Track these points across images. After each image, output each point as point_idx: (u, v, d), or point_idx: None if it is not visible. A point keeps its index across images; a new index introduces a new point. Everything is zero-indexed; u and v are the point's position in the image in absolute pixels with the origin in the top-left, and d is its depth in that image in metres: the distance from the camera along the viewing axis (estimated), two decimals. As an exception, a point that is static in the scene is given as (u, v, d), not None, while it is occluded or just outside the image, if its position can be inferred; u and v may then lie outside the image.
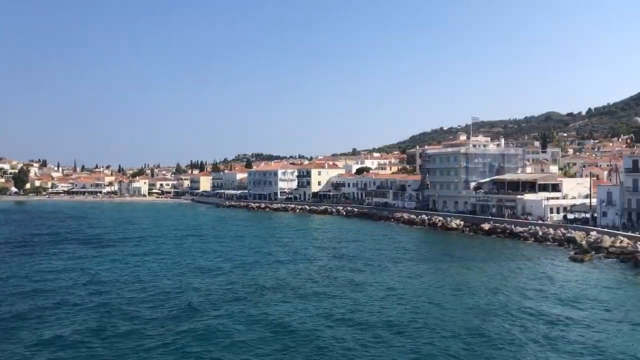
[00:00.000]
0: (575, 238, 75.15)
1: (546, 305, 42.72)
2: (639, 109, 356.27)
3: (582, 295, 46.08)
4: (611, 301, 44.15)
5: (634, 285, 50.74)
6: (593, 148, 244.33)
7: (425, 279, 54.08)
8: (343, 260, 66.55)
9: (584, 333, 35.30)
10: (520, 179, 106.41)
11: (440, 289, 49.58)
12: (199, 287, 49.85)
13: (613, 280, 52.83)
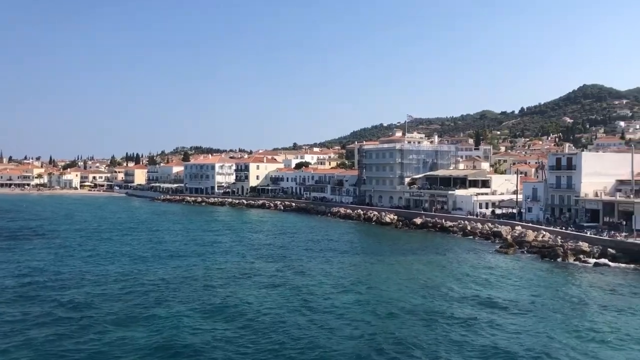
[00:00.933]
0: (501, 232, 77.83)
1: (469, 296, 43.81)
2: (568, 109, 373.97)
3: (503, 286, 47.69)
4: (530, 292, 45.88)
5: (552, 277, 52.94)
6: (524, 146, 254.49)
7: (354, 273, 54.52)
8: (275, 255, 66.15)
9: (502, 322, 36.35)
10: (451, 175, 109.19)
11: (368, 283, 50.05)
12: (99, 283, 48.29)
13: (533, 273, 54.98)
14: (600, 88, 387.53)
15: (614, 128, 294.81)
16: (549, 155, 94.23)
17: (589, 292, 46.24)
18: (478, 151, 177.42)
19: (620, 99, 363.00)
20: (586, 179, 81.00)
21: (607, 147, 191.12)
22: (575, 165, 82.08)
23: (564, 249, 62.44)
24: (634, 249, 58.91)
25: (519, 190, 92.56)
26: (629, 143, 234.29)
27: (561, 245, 64.07)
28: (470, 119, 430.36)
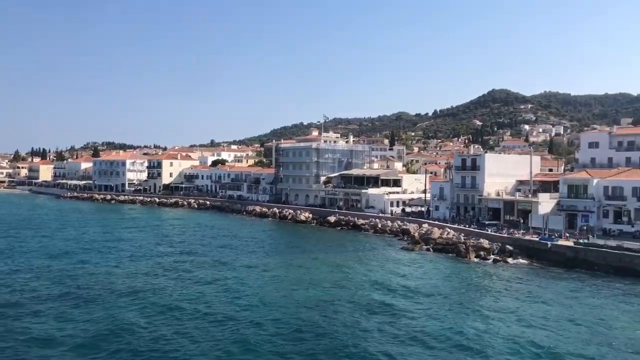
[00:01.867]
0: (410, 230, 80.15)
1: (375, 291, 44.65)
2: (478, 112, 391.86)
3: (408, 281, 48.99)
4: (431, 285, 47.48)
5: (453, 272, 55.09)
6: (436, 147, 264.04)
7: (267, 271, 54.03)
8: (183, 254, 64.55)
9: (407, 312, 37.32)
10: (365, 174, 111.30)
11: (279, 279, 49.93)
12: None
13: (435, 268, 57.01)
14: (508, 93, 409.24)
15: (520, 131, 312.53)
16: (455, 156, 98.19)
17: (486, 285, 48.77)
18: (392, 151, 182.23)
19: (525, 103, 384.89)
20: (489, 179, 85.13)
21: (512, 148, 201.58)
22: (479, 166, 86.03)
23: (466, 246, 65.21)
24: (529, 246, 62.47)
25: (427, 190, 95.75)
26: (532, 145, 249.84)
27: (464, 242, 66.90)
28: (387, 120, 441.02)
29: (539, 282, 50.19)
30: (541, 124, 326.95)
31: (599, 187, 72.09)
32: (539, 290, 46.82)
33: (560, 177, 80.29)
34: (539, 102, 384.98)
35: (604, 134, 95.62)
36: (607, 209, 71.39)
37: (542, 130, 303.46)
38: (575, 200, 73.70)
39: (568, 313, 39.03)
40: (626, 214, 69.38)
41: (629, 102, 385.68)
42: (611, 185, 71.17)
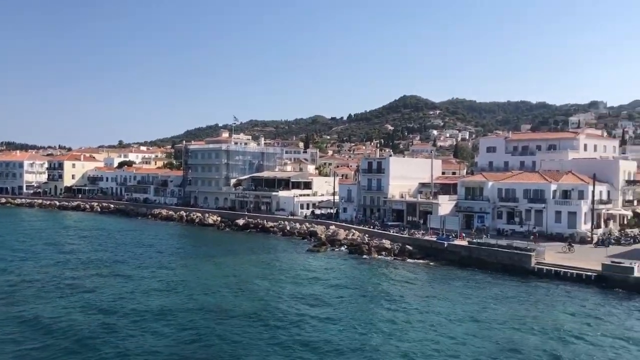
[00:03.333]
0: (317, 232, 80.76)
1: (278, 293, 44.37)
2: (390, 117, 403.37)
3: (310, 282, 49.25)
4: (334, 284, 47.98)
5: (355, 271, 55.96)
6: (349, 150, 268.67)
7: (160, 277, 52.28)
8: (80, 261, 61.18)
9: (312, 313, 37.31)
10: (276, 177, 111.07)
11: (177, 285, 48.44)
12: None
13: (339, 268, 57.67)
14: (418, 99, 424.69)
15: (428, 136, 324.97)
16: (362, 160, 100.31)
17: (386, 283, 49.96)
18: (306, 154, 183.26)
19: (434, 109, 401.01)
20: (393, 182, 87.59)
21: (420, 152, 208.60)
22: (384, 169, 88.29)
23: (369, 246, 66.70)
24: (427, 246, 64.76)
25: (336, 192, 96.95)
26: (439, 150, 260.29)
27: (367, 243, 68.36)
28: (304, 123, 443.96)
29: (433, 280, 52.14)
30: (448, 129, 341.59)
31: (493, 189, 76.07)
32: (431, 287, 48.62)
33: (459, 180, 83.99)
34: (447, 109, 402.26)
35: (500, 139, 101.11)
36: (501, 210, 75.46)
37: (449, 135, 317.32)
38: (472, 202, 77.35)
39: (455, 309, 40.63)
40: (518, 215, 73.66)
41: (528, 109, 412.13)
42: (504, 188, 75.31)
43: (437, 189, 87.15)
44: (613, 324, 36.99)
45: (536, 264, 53.48)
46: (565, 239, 65.14)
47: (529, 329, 35.78)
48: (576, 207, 68.43)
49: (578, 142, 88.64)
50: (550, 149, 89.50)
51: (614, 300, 43.53)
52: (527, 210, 72.53)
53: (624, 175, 76.08)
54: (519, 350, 31.62)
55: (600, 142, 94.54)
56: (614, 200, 73.44)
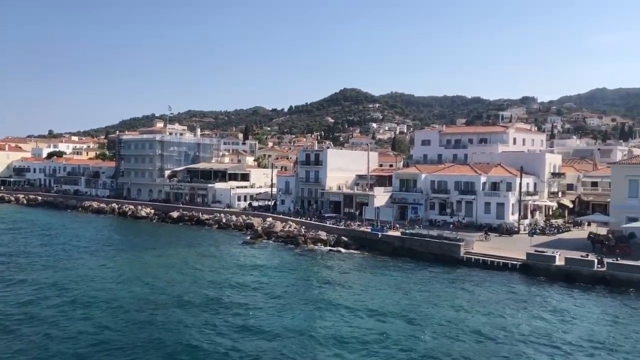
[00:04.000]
0: (254, 224, 80.00)
1: (209, 285, 43.52)
2: (330, 110, 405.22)
3: (243, 274, 48.64)
4: (268, 277, 47.69)
5: (291, 263, 55.72)
6: (290, 142, 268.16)
7: (88, 271, 50.30)
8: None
9: (241, 305, 36.74)
10: (212, 168, 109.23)
11: (105, 279, 46.71)
12: None
13: (274, 259, 57.37)
14: (358, 92, 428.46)
15: (368, 129, 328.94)
16: (299, 152, 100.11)
17: (319, 273, 50.06)
18: (245, 145, 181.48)
19: (374, 103, 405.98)
20: (331, 174, 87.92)
21: (360, 145, 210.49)
22: (322, 161, 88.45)
23: (305, 238, 66.71)
24: (362, 237, 65.39)
25: (274, 184, 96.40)
26: (378, 142, 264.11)
27: (303, 235, 68.32)
28: (244, 114, 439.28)
29: (365, 270, 52.71)
30: (387, 122, 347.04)
31: (426, 181, 77.69)
32: (364, 277, 49.17)
33: (394, 172, 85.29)
34: (386, 102, 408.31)
35: (434, 132, 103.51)
36: (433, 201, 77.21)
37: (387, 129, 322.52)
38: (405, 194, 78.74)
39: (385, 298, 41.12)
40: (449, 206, 75.58)
41: (464, 104, 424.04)
42: (437, 180, 77.08)
43: (374, 181, 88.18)
44: (533, 306, 38.42)
45: (465, 253, 54.95)
46: (495, 229, 67.55)
47: (455, 313, 36.66)
48: (504, 198, 70.89)
49: (508, 136, 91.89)
50: (481, 143, 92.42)
51: (536, 286, 45.31)
52: (458, 201, 74.54)
53: (549, 168, 79.33)
54: (443, 332, 32.32)
55: (529, 136, 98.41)
56: (540, 192, 76.51)
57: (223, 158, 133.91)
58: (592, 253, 51.01)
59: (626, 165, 63.33)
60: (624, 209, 58.96)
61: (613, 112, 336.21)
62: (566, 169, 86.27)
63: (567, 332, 33.28)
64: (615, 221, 59.11)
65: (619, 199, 60.33)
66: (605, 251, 52.31)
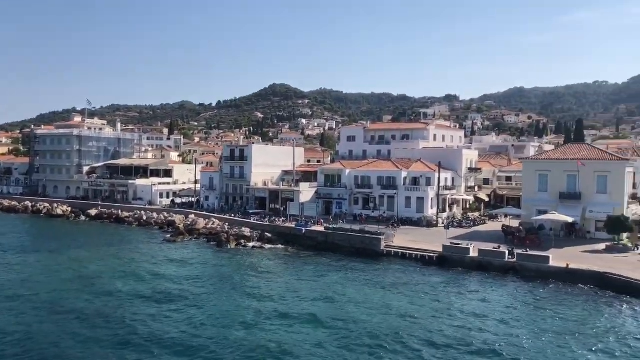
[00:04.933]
0: (175, 221, 78.11)
1: (125, 285, 42.00)
2: (260, 105, 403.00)
3: (162, 273, 47.45)
4: (187, 275, 46.65)
5: (212, 260, 54.87)
6: (217, 137, 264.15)
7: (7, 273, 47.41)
8: None
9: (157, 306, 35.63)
10: (133, 164, 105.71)
11: (11, 281, 44.02)
12: None
13: (194, 257, 56.22)
14: (288, 88, 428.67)
15: (297, 124, 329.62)
16: (224, 147, 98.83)
17: (241, 270, 49.67)
18: (170, 141, 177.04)
19: (303, 99, 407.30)
20: (256, 169, 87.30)
21: (288, 140, 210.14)
22: (247, 156, 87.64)
23: (228, 235, 65.84)
24: (286, 232, 65.41)
25: (198, 180, 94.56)
26: (307, 138, 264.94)
27: (226, 232, 67.43)
28: (170, 109, 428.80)
29: (288, 265, 52.79)
30: (316, 118, 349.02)
31: (350, 176, 78.70)
32: (287, 272, 49.21)
33: (319, 168, 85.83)
34: (316, 98, 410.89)
35: (359, 128, 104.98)
36: (357, 196, 78.36)
37: (317, 125, 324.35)
38: (330, 189, 79.48)
39: (306, 291, 41.32)
40: (372, 201, 76.96)
41: (390, 101, 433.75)
42: (360, 175, 78.27)
43: (300, 177, 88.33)
44: (443, 295, 39.80)
45: (385, 247, 56.13)
46: (415, 222, 69.56)
47: (371, 304, 37.37)
48: (424, 193, 72.98)
49: (428, 132, 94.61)
50: (403, 139, 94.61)
51: (450, 276, 46.95)
52: (381, 196, 76.04)
53: (466, 163, 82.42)
54: (362, 320, 32.82)
55: (448, 133, 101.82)
56: (457, 186, 79.37)
57: (146, 154, 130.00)
58: (504, 245, 53.45)
59: (536, 160, 66.79)
60: (534, 202, 62.19)
61: (530, 110, 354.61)
62: (482, 164, 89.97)
63: (476, 320, 34.65)
64: (526, 214, 62.29)
65: (529, 192, 63.54)
66: (516, 242, 54.94)
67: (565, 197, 60.07)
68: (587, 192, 59.13)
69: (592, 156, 60.99)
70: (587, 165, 58.58)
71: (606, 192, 58.60)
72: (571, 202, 59.61)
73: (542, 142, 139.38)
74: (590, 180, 59.09)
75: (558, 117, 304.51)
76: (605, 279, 42.74)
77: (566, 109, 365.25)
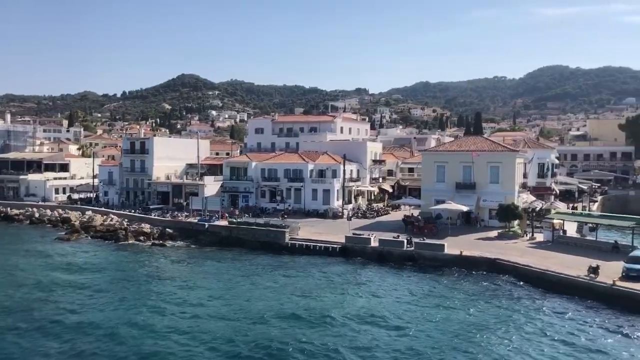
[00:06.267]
0: (70, 218, 73.78)
1: (10, 288, 38.96)
2: (168, 96, 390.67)
3: (53, 274, 44.33)
4: (81, 274, 44.14)
5: (108, 258, 52.28)
6: (122, 129, 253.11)
7: None
8: None
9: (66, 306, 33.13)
10: (25, 158, 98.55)
11: None
12: None
13: (89, 256, 53.34)
14: (197, 78, 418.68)
15: (207, 116, 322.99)
16: (123, 139, 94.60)
17: (139, 269, 47.71)
18: (69, 133, 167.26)
19: (213, 90, 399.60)
20: (158, 163, 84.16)
21: (198, 133, 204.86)
22: (148, 149, 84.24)
23: (126, 232, 63.04)
24: (189, 228, 63.57)
25: (97, 174, 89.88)
26: (217, 130, 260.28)
27: (124, 228, 64.57)
28: (71, 100, 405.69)
29: (190, 261, 51.39)
30: (227, 110, 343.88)
31: (257, 169, 77.81)
32: (186, 268, 47.98)
33: (224, 161, 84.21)
34: (226, 90, 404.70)
35: (268, 121, 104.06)
36: (264, 189, 77.64)
37: (227, 117, 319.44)
38: (236, 182, 78.21)
39: (205, 288, 40.32)
40: (279, 194, 76.54)
41: (302, 93, 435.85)
42: (267, 168, 77.58)
43: (205, 170, 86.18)
44: (343, 285, 40.26)
45: (290, 239, 55.92)
46: (321, 214, 70.00)
47: (275, 297, 37.05)
48: (330, 185, 73.52)
49: (335, 125, 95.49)
50: (311, 131, 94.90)
51: (351, 266, 47.63)
52: (288, 189, 75.80)
53: (371, 156, 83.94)
54: (263, 312, 32.38)
55: (355, 125, 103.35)
56: (362, 178, 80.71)
57: (41, 147, 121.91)
58: (404, 234, 54.91)
59: (434, 152, 69.17)
60: (433, 192, 64.36)
61: (435, 104, 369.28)
62: (387, 156, 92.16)
63: (364, 306, 35.23)
64: (425, 204, 64.36)
65: (428, 183, 65.69)
66: (415, 232, 56.65)
67: (461, 187, 62.64)
68: (481, 182, 61.95)
69: (485, 148, 63.96)
70: (480, 156, 61.38)
71: (498, 182, 61.64)
72: (466, 191, 62.25)
73: (444, 134, 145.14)
74: (484, 171, 61.96)
75: (461, 111, 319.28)
76: (496, 264, 45.01)
77: (468, 102, 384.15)
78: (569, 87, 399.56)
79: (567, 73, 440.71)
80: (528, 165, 71.44)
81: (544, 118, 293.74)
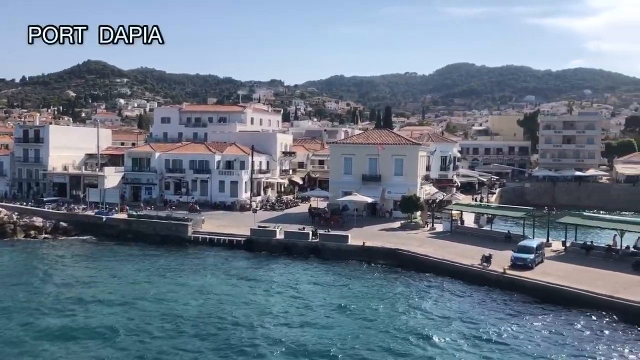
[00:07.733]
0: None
1: None
2: (72, 83, 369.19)
3: None
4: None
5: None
6: (20, 117, 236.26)
7: None
8: None
9: None
10: None
11: None
12: None
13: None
14: (104, 65, 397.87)
15: (115, 105, 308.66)
16: (15, 127, 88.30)
17: (28, 266, 44.56)
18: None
19: (122, 77, 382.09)
20: (55, 153, 78.93)
21: (104, 122, 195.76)
22: (43, 138, 78.82)
23: (15, 226, 58.58)
24: (85, 221, 60.19)
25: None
26: (125, 119, 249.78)
27: (13, 222, 59.82)
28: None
29: (83, 257, 48.89)
30: (136, 99, 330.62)
31: (160, 160, 74.96)
32: (79, 265, 45.62)
33: (125, 151, 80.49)
34: (135, 77, 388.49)
35: (174, 110, 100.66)
36: (168, 181, 75.00)
37: (137, 105, 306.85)
38: (139, 173, 75.00)
39: (100, 285, 38.15)
40: (185, 185, 74.21)
41: (216, 83, 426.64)
42: (172, 159, 74.97)
43: (106, 161, 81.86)
44: (242, 279, 39.57)
45: (193, 233, 54.29)
46: (228, 207, 68.57)
47: (180, 295, 35.77)
48: (237, 177, 72.18)
49: (246, 115, 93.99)
50: (221, 122, 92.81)
51: (254, 259, 46.96)
52: (194, 180, 73.65)
53: (281, 147, 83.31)
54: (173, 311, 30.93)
55: (266, 117, 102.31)
56: (272, 170, 79.94)
57: None
58: (311, 225, 54.84)
59: (342, 145, 69.73)
60: (340, 184, 64.85)
61: (348, 97, 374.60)
62: (297, 148, 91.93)
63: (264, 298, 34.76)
64: (332, 195, 64.71)
65: (336, 175, 66.13)
66: (322, 223, 56.80)
67: (367, 179, 63.52)
68: (386, 174, 63.11)
69: (390, 141, 65.22)
70: (386, 149, 62.51)
71: (402, 174, 63.08)
72: (372, 183, 63.22)
73: (355, 127, 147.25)
74: (389, 163, 63.16)
75: (373, 105, 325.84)
76: (397, 255, 45.94)
77: (381, 97, 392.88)
78: (475, 84, 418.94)
79: (473, 70, 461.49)
80: (431, 158, 73.68)
81: (451, 113, 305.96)
